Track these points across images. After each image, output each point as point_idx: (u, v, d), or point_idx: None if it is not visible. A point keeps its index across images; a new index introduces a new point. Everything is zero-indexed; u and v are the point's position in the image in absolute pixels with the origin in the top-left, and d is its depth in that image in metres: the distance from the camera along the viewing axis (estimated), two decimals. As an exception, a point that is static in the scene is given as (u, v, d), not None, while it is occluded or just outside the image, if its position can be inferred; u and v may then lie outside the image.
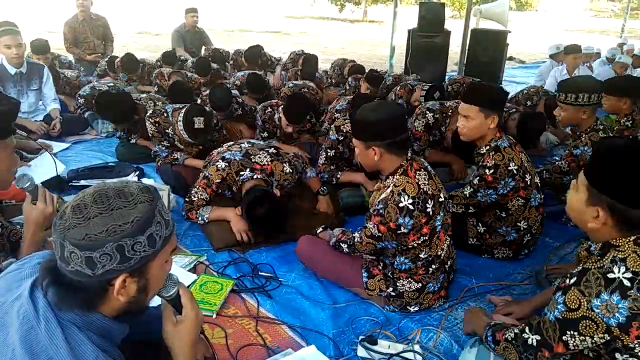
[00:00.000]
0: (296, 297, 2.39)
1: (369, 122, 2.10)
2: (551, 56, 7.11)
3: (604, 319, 1.35)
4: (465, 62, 7.65)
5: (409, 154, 2.17)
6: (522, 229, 2.67)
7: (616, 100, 3.77)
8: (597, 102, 3.01)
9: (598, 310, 1.35)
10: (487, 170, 2.55)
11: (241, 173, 2.87)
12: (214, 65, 6.14)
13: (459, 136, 2.70)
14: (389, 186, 2.12)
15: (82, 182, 3.40)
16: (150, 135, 3.59)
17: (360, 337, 2.05)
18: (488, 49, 7.39)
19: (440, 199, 2.14)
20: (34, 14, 15.10)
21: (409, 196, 2.04)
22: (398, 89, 4.86)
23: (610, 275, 1.38)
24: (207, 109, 3.65)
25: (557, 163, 3.18)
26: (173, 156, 3.55)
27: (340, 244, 2.37)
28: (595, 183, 1.43)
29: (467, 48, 7.62)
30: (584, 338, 1.39)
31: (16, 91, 4.34)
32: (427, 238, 2.10)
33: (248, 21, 18.79)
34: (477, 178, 2.59)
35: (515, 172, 2.54)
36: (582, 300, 1.39)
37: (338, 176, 3.32)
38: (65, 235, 1.03)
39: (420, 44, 7.15)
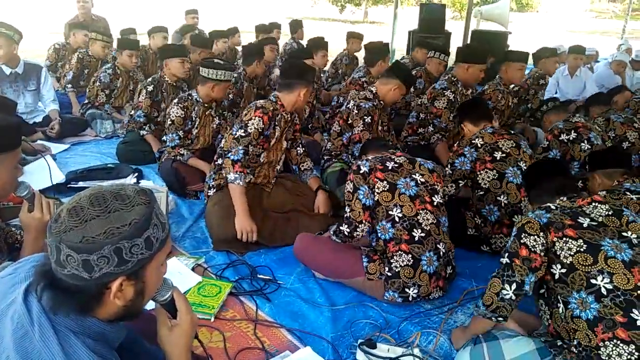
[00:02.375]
0: (295, 300, 2.38)
1: None
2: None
3: (537, 219, 1.77)
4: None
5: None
6: (503, 204, 2.78)
7: None
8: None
9: (533, 216, 1.80)
10: (455, 144, 3.02)
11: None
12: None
13: None
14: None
15: (81, 184, 3.39)
16: (170, 121, 3.56)
17: (359, 341, 2.04)
18: (488, 50, 7.39)
19: (414, 176, 2.41)
20: (35, 15, 15.12)
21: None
22: (415, 71, 5.07)
23: (544, 205, 1.85)
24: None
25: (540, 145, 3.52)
26: (179, 151, 3.55)
27: (340, 227, 2.40)
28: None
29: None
30: (534, 238, 1.74)
31: (12, 91, 4.33)
32: (388, 187, 2.33)
33: (249, 22, 18.78)
34: (452, 153, 2.99)
35: (478, 145, 2.86)
36: (524, 217, 1.84)
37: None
38: (61, 239, 1.01)
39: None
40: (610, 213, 1.76)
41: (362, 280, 2.34)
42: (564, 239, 1.71)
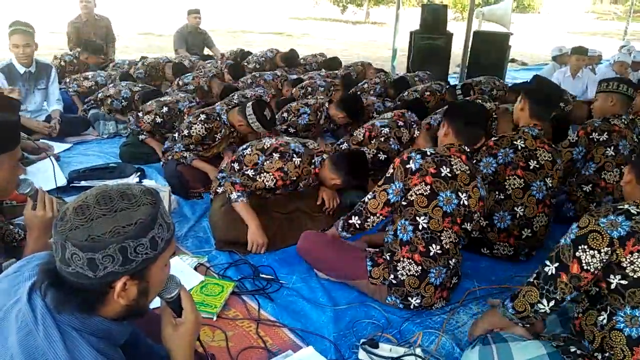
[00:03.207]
0: (297, 299, 2.38)
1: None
2: (554, 58, 7.10)
3: (608, 231, 1.55)
4: (467, 64, 7.65)
5: None
6: (518, 215, 2.69)
7: None
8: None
9: (604, 225, 1.57)
10: (492, 139, 2.72)
11: (313, 161, 2.92)
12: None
13: None
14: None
15: (83, 183, 3.40)
16: (188, 134, 3.47)
17: (362, 340, 2.04)
18: (490, 51, 7.39)
19: (461, 190, 2.23)
20: (37, 14, 15.13)
21: (432, 148, 2.33)
22: (427, 94, 4.95)
23: (620, 206, 1.61)
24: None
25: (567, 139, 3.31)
26: (183, 154, 3.54)
27: (349, 220, 2.34)
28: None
29: (469, 50, 7.62)
30: (593, 253, 1.56)
31: (24, 90, 4.37)
32: (425, 197, 2.17)
33: (251, 22, 18.80)
34: (484, 148, 2.75)
35: (519, 147, 2.68)
36: (590, 219, 1.61)
37: None
38: (67, 237, 1.02)
39: (422, 45, 7.15)
40: None
41: (365, 282, 2.34)
42: None
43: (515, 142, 2.71)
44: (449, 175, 2.21)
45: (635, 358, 1.51)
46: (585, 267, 1.58)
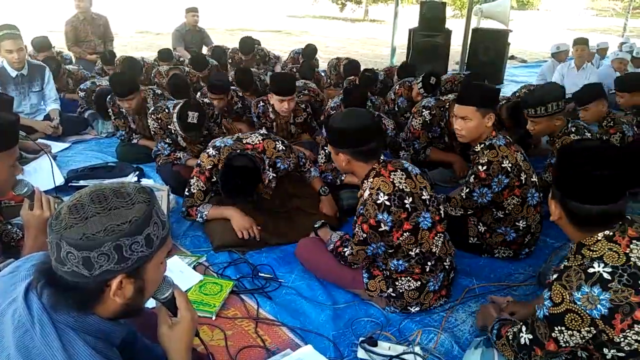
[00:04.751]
0: (296, 298, 2.38)
1: (337, 130, 2.18)
2: (553, 55, 7.09)
3: (587, 311, 1.38)
4: (466, 61, 7.64)
5: (382, 158, 2.21)
6: (521, 228, 2.66)
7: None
8: (563, 108, 3.09)
9: (580, 303, 1.39)
10: (480, 167, 2.56)
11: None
12: (213, 62, 6.04)
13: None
14: (366, 189, 2.16)
15: (82, 182, 3.39)
16: (152, 132, 3.57)
17: (360, 339, 2.04)
18: (489, 48, 7.39)
19: (424, 197, 2.17)
20: (33, 13, 15.10)
21: (384, 193, 2.08)
22: (397, 88, 4.83)
23: (590, 270, 1.42)
24: (205, 103, 3.66)
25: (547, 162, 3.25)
26: (175, 155, 3.53)
27: (339, 251, 2.33)
28: (553, 180, 1.55)
29: (468, 47, 7.61)
30: (571, 333, 1.41)
31: (17, 93, 4.35)
32: (411, 234, 2.12)
33: (249, 20, 18.77)
34: (472, 176, 2.60)
35: (509, 169, 2.54)
36: (564, 294, 1.42)
37: (342, 178, 3.31)
38: (61, 236, 1.02)
39: (421, 43, 7.15)
40: None
41: (362, 292, 2.33)
42: (634, 325, 1.34)
43: (503, 165, 2.53)
44: (412, 201, 2.11)
45: None
46: (563, 345, 1.46)
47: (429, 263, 2.20)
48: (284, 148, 2.98)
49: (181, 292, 1.34)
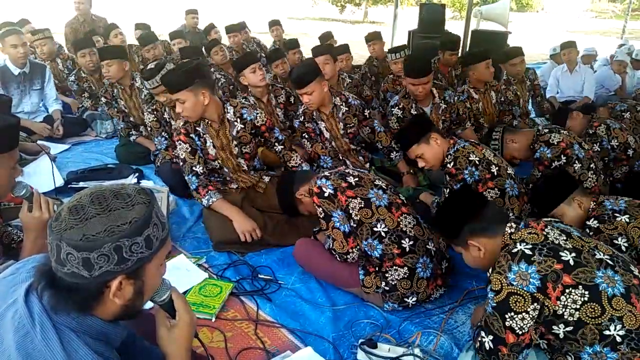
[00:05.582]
0: (296, 300, 2.38)
1: None
2: (551, 57, 7.10)
3: (524, 288, 1.53)
4: (466, 63, 7.62)
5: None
6: None
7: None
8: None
9: (515, 283, 1.54)
10: (449, 165, 2.69)
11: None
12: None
13: None
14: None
15: (81, 184, 3.39)
16: (149, 127, 3.59)
17: (360, 341, 2.04)
18: (488, 50, 7.37)
19: (371, 178, 2.37)
20: (33, 15, 15.10)
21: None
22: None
23: (514, 250, 1.61)
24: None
25: (531, 172, 3.20)
26: (173, 152, 3.54)
27: (332, 248, 2.34)
28: (454, 234, 1.83)
29: (467, 49, 7.61)
30: (521, 316, 1.53)
31: (19, 92, 4.35)
32: (363, 204, 2.24)
33: (249, 22, 18.76)
34: (447, 176, 2.75)
35: (477, 162, 2.64)
36: (500, 279, 1.58)
37: None
38: (61, 237, 1.02)
39: (420, 44, 7.14)
40: (565, 237, 1.64)
41: (359, 290, 2.34)
42: (565, 291, 1.51)
43: (470, 158, 2.64)
44: (357, 180, 2.32)
45: None
46: (519, 332, 1.56)
47: (404, 241, 2.23)
48: (252, 102, 3.07)
49: (179, 294, 1.34)
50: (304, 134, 3.40)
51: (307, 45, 7.34)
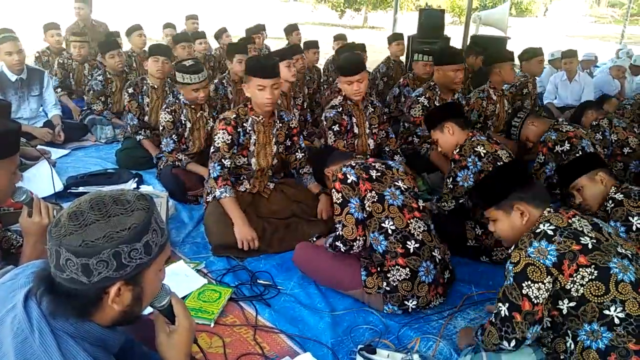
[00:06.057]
0: (295, 305, 2.38)
1: None
2: (549, 62, 7.12)
3: (541, 261, 1.62)
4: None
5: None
6: None
7: None
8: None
9: (533, 255, 1.64)
10: (454, 152, 2.83)
11: (245, 103, 3.01)
12: None
13: None
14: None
15: (81, 189, 3.40)
16: (162, 127, 3.57)
17: (359, 346, 2.03)
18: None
19: (397, 182, 2.38)
20: (34, 20, 15.14)
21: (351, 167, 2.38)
22: (401, 80, 5.01)
23: (537, 230, 1.70)
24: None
25: (536, 158, 3.35)
26: (177, 156, 3.55)
27: (336, 242, 2.36)
28: (501, 196, 1.88)
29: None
30: (537, 285, 1.62)
31: (17, 98, 4.34)
32: (377, 198, 2.28)
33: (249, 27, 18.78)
34: (452, 163, 2.85)
35: (482, 154, 2.73)
36: (519, 253, 1.68)
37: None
38: (61, 242, 1.02)
39: (420, 50, 7.15)
40: (591, 228, 1.69)
41: (360, 292, 2.34)
42: (579, 269, 1.59)
43: (477, 149, 2.75)
44: (379, 174, 2.36)
45: None
46: (535, 302, 1.63)
47: (410, 243, 2.24)
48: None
49: (179, 300, 1.35)
50: (334, 126, 3.35)
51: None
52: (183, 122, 3.60)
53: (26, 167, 3.56)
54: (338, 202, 2.33)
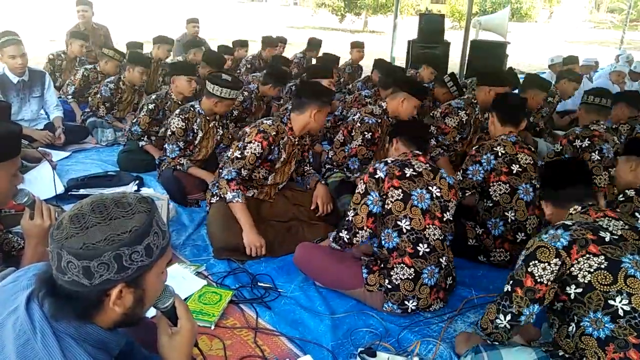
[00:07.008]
0: (295, 308, 2.38)
1: None
2: (549, 67, 7.15)
3: (552, 243, 1.68)
4: (464, 73, 7.69)
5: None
6: (510, 220, 2.73)
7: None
8: None
9: (547, 239, 1.70)
10: (473, 149, 2.87)
11: (283, 120, 3.02)
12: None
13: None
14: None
15: (82, 191, 3.39)
16: (171, 132, 3.54)
17: (359, 349, 2.04)
18: (487, 60, 7.43)
19: (430, 188, 2.33)
20: (35, 23, 15.18)
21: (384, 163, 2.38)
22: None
23: (557, 223, 1.77)
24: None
25: (552, 149, 3.47)
26: (179, 161, 3.55)
27: (339, 233, 2.38)
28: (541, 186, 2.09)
29: (466, 59, 7.66)
30: (544, 265, 1.67)
31: (19, 100, 4.35)
32: (402, 197, 2.27)
33: (249, 31, 18.87)
34: (467, 158, 2.88)
35: (499, 154, 2.76)
36: (534, 239, 1.76)
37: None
38: (62, 245, 1.03)
39: (420, 54, 7.19)
40: (627, 228, 1.70)
41: (361, 291, 2.34)
42: (586, 256, 1.63)
43: (495, 149, 2.79)
44: (414, 174, 2.33)
45: (610, 357, 1.56)
46: (538, 280, 1.68)
47: (421, 245, 2.24)
48: None
49: (182, 302, 1.35)
50: (367, 133, 3.37)
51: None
52: (195, 130, 3.58)
53: (27, 169, 3.56)
54: (360, 191, 2.36)
